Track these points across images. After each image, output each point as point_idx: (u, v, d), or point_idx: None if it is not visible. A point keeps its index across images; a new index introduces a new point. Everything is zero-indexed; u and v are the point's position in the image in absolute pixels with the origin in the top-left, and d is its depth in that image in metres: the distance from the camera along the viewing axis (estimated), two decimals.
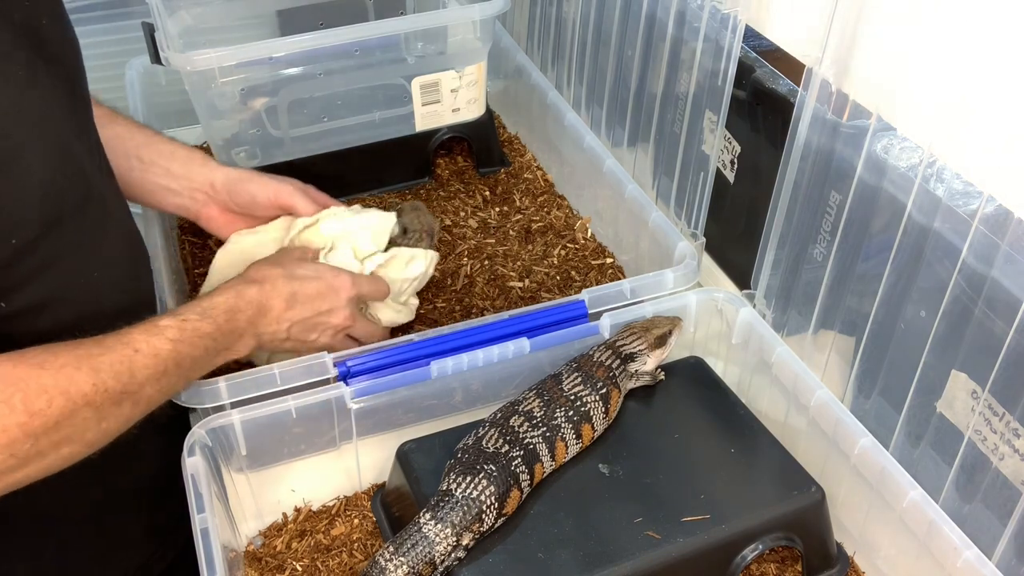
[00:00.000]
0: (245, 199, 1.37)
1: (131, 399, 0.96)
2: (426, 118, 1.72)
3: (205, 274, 1.54)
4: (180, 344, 1.01)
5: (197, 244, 1.62)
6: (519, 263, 1.58)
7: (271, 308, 1.15)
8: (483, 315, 1.42)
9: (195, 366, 1.06)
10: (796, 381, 1.22)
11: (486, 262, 1.58)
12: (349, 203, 1.70)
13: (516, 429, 1.12)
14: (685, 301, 1.33)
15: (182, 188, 1.35)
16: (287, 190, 1.37)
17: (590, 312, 1.29)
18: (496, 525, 1.07)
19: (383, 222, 1.39)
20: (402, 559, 1.01)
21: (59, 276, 1.01)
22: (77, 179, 1.01)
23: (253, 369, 1.18)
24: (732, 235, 1.51)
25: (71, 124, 1.01)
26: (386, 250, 1.37)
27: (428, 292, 1.52)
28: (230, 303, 1.10)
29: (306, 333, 1.21)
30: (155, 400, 1.00)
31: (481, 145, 1.80)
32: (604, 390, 1.18)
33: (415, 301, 1.42)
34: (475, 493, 1.05)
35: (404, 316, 1.40)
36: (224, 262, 1.39)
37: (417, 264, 1.37)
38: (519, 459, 1.09)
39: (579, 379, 1.18)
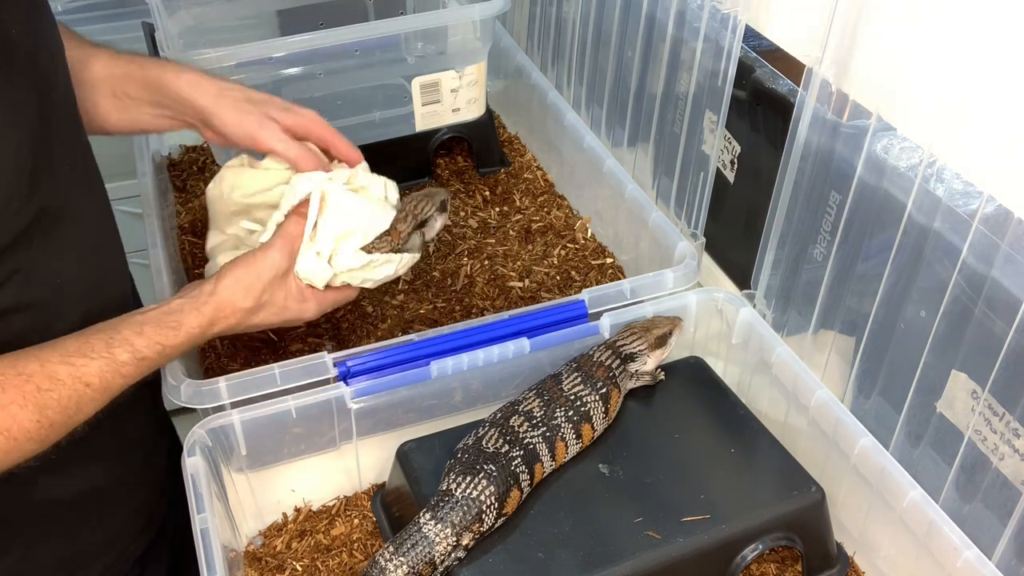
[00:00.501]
0: (226, 132, 1.23)
1: (75, 423, 0.99)
2: (426, 118, 1.72)
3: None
4: (131, 378, 1.03)
5: (197, 244, 1.62)
6: (519, 263, 1.58)
7: (231, 331, 1.15)
8: (483, 315, 1.42)
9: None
10: (796, 381, 1.22)
11: (486, 262, 1.58)
12: None
13: (516, 429, 1.12)
14: (685, 301, 1.33)
15: (175, 114, 1.27)
16: (266, 137, 1.21)
17: (590, 312, 1.29)
18: (496, 525, 1.07)
19: (379, 222, 1.26)
20: (402, 559, 1.01)
21: (20, 285, 1.01)
22: (34, 194, 0.99)
23: (253, 369, 1.18)
24: (732, 235, 1.51)
25: (37, 136, 0.98)
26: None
27: (428, 292, 1.52)
28: (187, 344, 1.09)
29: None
30: (93, 415, 1.02)
31: (481, 145, 1.80)
32: (604, 390, 1.18)
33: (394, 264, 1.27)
34: (475, 493, 1.05)
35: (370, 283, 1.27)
36: (220, 206, 1.30)
37: (386, 268, 1.24)
38: (519, 459, 1.09)
39: (579, 379, 1.18)
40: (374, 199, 1.25)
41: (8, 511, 1.11)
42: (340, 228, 1.19)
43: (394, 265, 1.24)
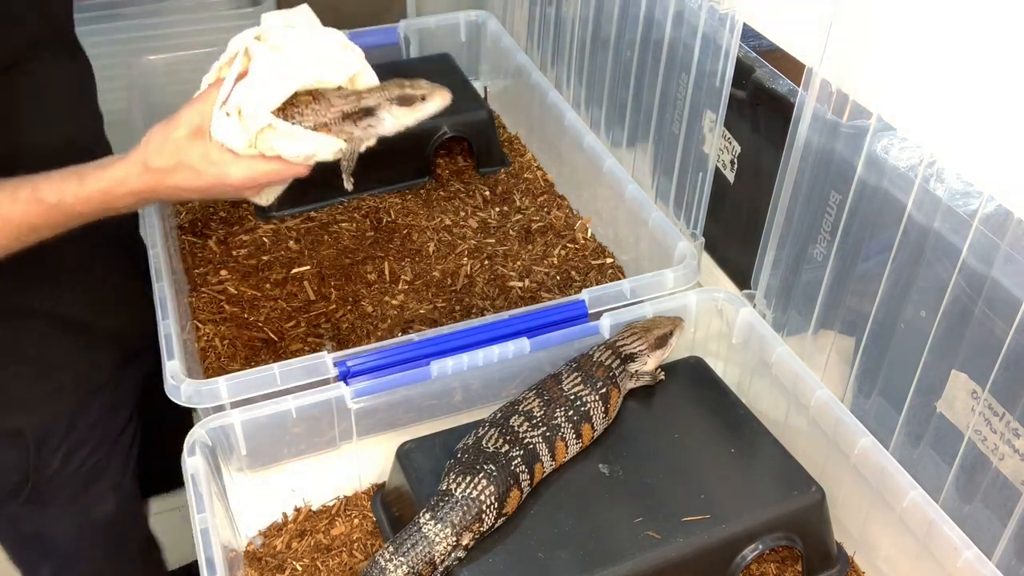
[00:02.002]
0: None
1: None
2: None
3: (205, 274, 1.54)
4: (33, 218, 1.06)
5: (197, 244, 1.62)
6: (519, 263, 1.58)
7: (159, 196, 1.12)
8: (483, 315, 1.42)
9: (59, 230, 1.10)
10: (796, 381, 1.22)
11: (486, 262, 1.58)
12: (348, 203, 1.71)
13: (516, 429, 1.12)
14: (685, 301, 1.33)
15: None
16: None
17: (590, 312, 1.30)
18: (496, 525, 1.07)
19: (340, 66, 1.11)
20: (402, 559, 1.01)
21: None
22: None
23: (253, 369, 1.18)
24: (732, 235, 1.51)
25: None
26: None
27: (428, 292, 1.52)
28: (96, 195, 1.08)
29: (219, 198, 1.25)
30: (11, 250, 1.08)
31: (481, 145, 1.80)
32: (604, 390, 1.18)
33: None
34: (475, 493, 1.05)
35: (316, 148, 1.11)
36: None
37: (293, 143, 1.09)
38: (519, 459, 1.09)
39: (579, 379, 1.18)
40: (319, 43, 1.11)
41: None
42: (254, 85, 1.07)
43: (305, 141, 1.09)
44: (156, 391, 1.23)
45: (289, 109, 1.09)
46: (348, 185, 1.16)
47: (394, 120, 1.13)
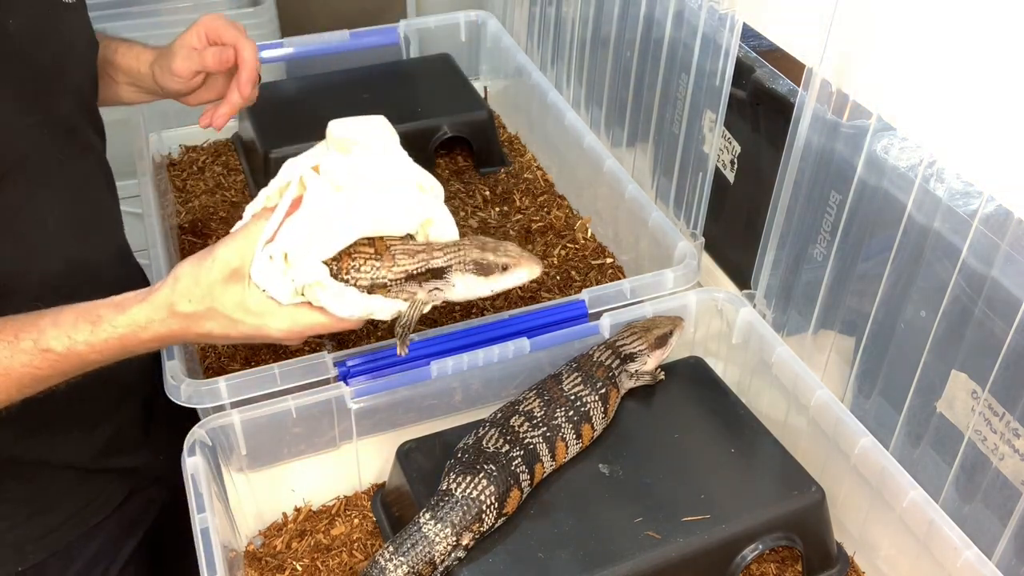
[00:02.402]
0: (177, 83, 1.30)
1: None
2: None
3: None
4: (35, 369, 0.96)
5: (197, 244, 1.62)
6: None
7: (184, 340, 1.03)
8: (483, 315, 1.42)
9: (66, 377, 1.00)
10: (796, 381, 1.22)
11: None
12: None
13: (516, 429, 1.12)
14: (685, 301, 1.33)
15: (142, 85, 1.37)
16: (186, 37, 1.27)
17: (590, 312, 1.30)
18: (496, 525, 1.07)
19: (413, 213, 0.97)
20: (402, 559, 1.01)
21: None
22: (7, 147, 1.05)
23: (253, 369, 1.18)
24: (732, 235, 1.51)
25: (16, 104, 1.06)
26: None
27: None
28: (113, 343, 0.97)
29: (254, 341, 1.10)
30: (11, 402, 0.99)
31: (481, 145, 1.80)
32: (604, 390, 1.18)
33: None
34: (475, 493, 1.05)
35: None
36: None
37: (341, 303, 0.96)
38: (519, 459, 1.09)
39: (579, 379, 1.18)
40: (378, 193, 0.97)
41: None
42: (308, 230, 0.94)
43: (364, 305, 0.96)
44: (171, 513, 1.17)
45: (345, 261, 0.95)
46: (402, 351, 1.02)
47: (465, 289, 0.99)
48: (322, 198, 0.94)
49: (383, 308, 0.97)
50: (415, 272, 0.96)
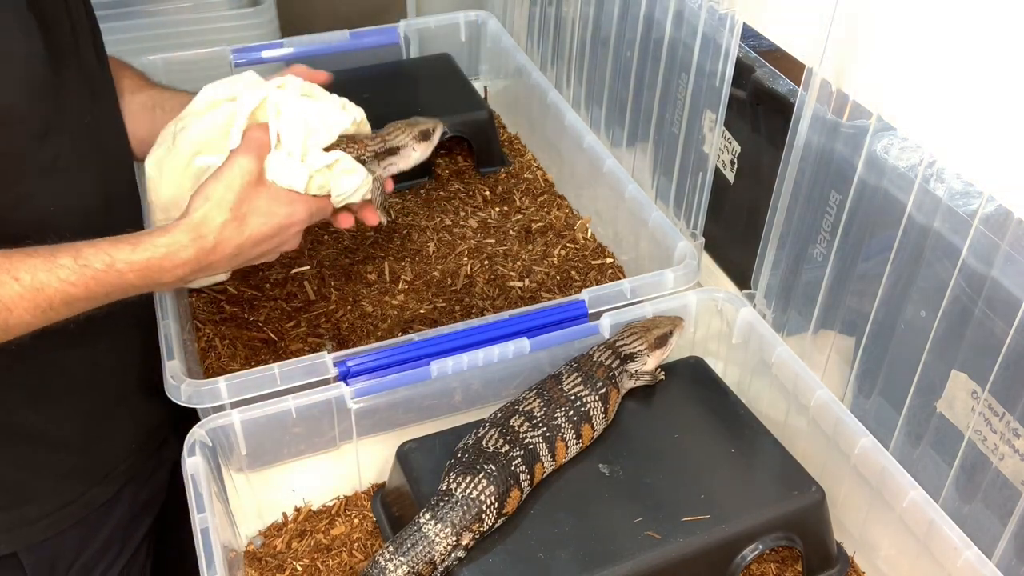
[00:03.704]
0: None
1: (5, 323, 0.96)
2: None
3: None
4: (71, 286, 0.98)
5: None
6: (519, 263, 1.58)
7: (211, 265, 1.08)
8: (483, 315, 1.42)
9: (91, 303, 1.02)
10: (796, 381, 1.22)
11: (486, 262, 1.58)
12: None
13: (516, 429, 1.12)
14: (685, 301, 1.33)
15: None
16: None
17: (590, 312, 1.29)
18: (496, 525, 1.07)
19: (338, 123, 1.20)
20: (402, 559, 1.01)
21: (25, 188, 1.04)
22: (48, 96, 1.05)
23: (253, 369, 1.18)
24: (732, 235, 1.51)
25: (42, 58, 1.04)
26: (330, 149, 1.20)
27: (428, 292, 1.52)
28: (153, 263, 1.02)
29: (249, 264, 1.16)
30: (34, 326, 0.99)
31: (481, 145, 1.80)
32: (604, 390, 1.18)
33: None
34: (475, 493, 1.05)
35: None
36: (171, 162, 1.21)
37: (352, 178, 1.19)
38: (519, 459, 1.09)
39: (579, 379, 1.18)
40: (328, 103, 1.22)
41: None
42: (303, 129, 1.15)
43: (359, 176, 1.19)
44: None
45: (333, 150, 1.18)
46: (386, 219, 1.28)
47: (419, 155, 1.30)
48: (300, 105, 1.17)
49: (367, 181, 1.22)
50: (379, 151, 1.25)
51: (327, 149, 1.18)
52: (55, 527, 1.22)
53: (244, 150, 1.10)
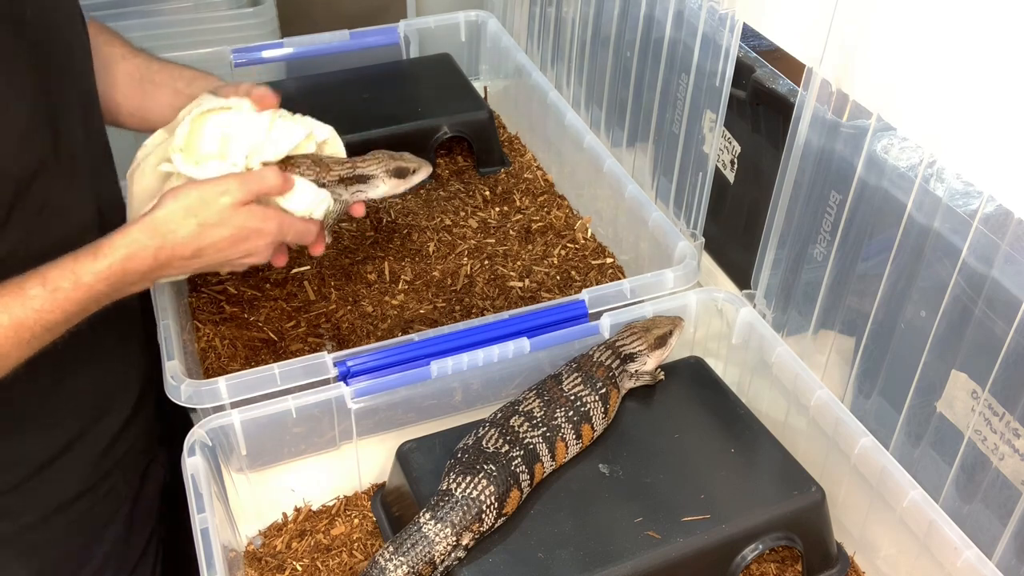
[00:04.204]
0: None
1: None
2: None
3: (205, 274, 1.54)
4: (48, 313, 0.98)
5: None
6: (519, 263, 1.58)
7: (170, 265, 1.07)
8: (483, 315, 1.42)
9: (70, 322, 1.02)
10: (796, 381, 1.22)
11: (486, 262, 1.58)
12: None
13: (516, 429, 1.12)
14: (685, 301, 1.33)
15: (187, 103, 1.29)
16: (252, 88, 1.24)
17: (590, 312, 1.30)
18: (496, 525, 1.07)
19: (286, 137, 1.20)
20: (402, 559, 1.01)
21: (18, 233, 1.02)
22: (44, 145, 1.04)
23: (253, 369, 1.18)
24: (732, 235, 1.51)
25: (40, 107, 1.03)
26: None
27: (428, 292, 1.52)
28: (115, 267, 1.02)
29: (218, 268, 1.17)
30: (24, 358, 0.99)
31: (481, 145, 1.80)
32: (604, 390, 1.18)
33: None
34: (475, 493, 1.05)
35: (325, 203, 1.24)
36: (146, 184, 1.22)
37: (301, 199, 1.18)
38: (519, 459, 1.09)
39: (579, 379, 1.18)
40: (289, 121, 1.22)
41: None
42: (247, 143, 1.16)
43: (313, 196, 1.19)
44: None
45: (290, 168, 1.18)
46: (328, 239, 1.27)
47: (387, 189, 1.28)
48: (248, 119, 1.18)
49: (324, 202, 1.21)
50: (345, 176, 1.24)
51: (292, 164, 1.19)
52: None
53: (242, 178, 1.10)
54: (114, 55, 1.28)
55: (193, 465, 1.10)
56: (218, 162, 1.13)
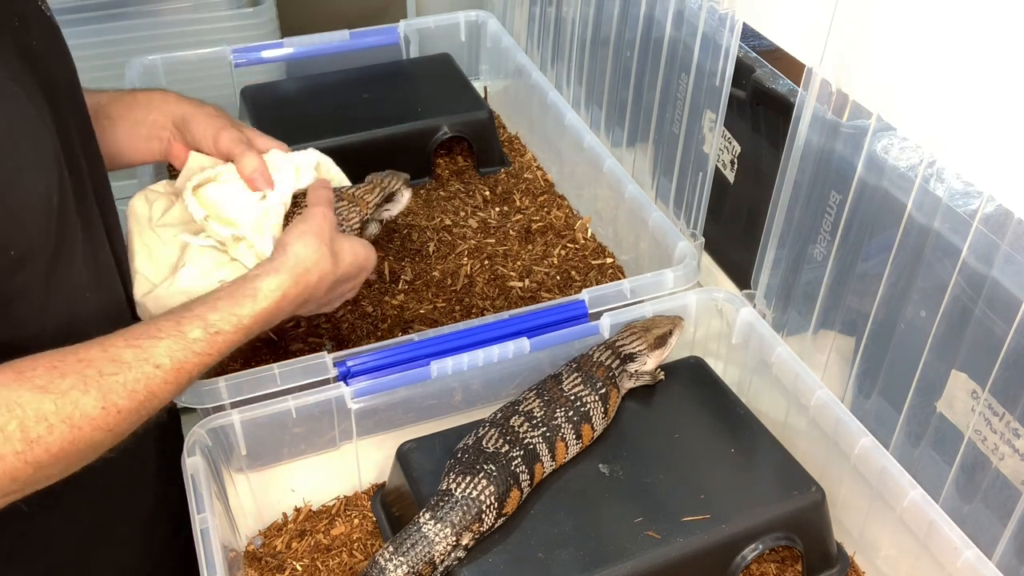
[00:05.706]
0: (192, 140, 1.28)
1: (150, 410, 0.93)
2: None
3: None
4: (207, 356, 0.97)
5: None
6: (519, 263, 1.58)
7: (309, 301, 1.11)
8: (483, 315, 1.42)
9: (216, 363, 1.02)
10: (796, 381, 1.22)
11: (486, 262, 1.58)
12: None
13: (516, 429, 1.12)
14: (685, 301, 1.33)
15: (149, 132, 1.28)
16: (227, 138, 1.24)
17: (590, 312, 1.30)
18: (496, 525, 1.07)
19: (308, 162, 1.29)
20: (402, 559, 1.01)
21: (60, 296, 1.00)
22: (66, 197, 1.00)
23: (253, 369, 1.18)
24: (732, 235, 1.51)
25: (58, 145, 0.99)
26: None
27: (428, 292, 1.52)
28: (271, 308, 1.04)
29: (331, 306, 1.20)
30: (169, 401, 0.97)
31: (481, 145, 1.80)
32: (603, 390, 1.18)
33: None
34: (475, 493, 1.05)
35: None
36: (147, 227, 1.24)
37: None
38: (519, 459, 1.09)
39: (579, 379, 1.18)
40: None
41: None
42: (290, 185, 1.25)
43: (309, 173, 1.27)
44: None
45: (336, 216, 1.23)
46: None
47: (408, 197, 1.39)
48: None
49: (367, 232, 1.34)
50: (378, 201, 1.35)
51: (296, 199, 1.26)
52: None
53: (317, 201, 1.16)
54: None
55: (193, 465, 1.10)
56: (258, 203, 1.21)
